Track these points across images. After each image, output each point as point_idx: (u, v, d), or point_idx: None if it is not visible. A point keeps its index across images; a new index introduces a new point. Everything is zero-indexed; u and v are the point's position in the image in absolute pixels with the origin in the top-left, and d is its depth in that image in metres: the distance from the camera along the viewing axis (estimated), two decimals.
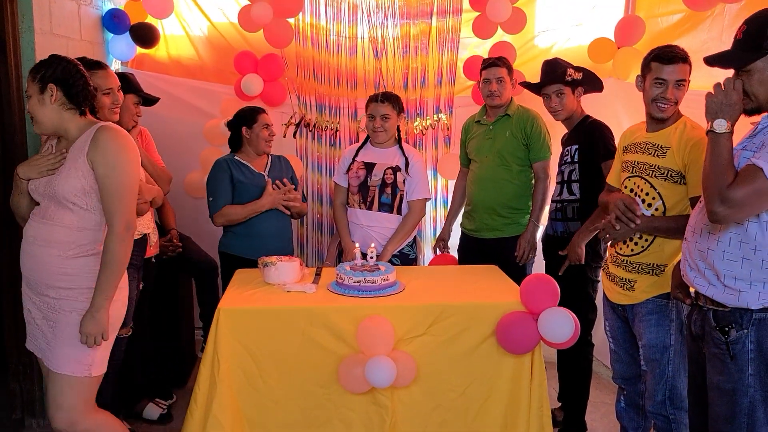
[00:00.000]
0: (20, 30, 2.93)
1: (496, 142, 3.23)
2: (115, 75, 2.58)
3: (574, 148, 2.90)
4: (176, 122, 4.01)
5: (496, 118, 3.25)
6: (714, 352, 1.92)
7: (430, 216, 4.12)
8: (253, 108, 3.22)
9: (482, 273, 2.94)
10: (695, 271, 1.96)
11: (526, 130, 3.19)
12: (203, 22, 4.06)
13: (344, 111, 4.04)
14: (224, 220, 3.09)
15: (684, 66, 2.26)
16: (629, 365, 2.54)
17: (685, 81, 2.28)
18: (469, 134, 3.43)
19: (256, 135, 3.15)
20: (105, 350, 2.18)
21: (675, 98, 2.27)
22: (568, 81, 2.92)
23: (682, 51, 2.28)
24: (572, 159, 2.90)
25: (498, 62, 3.20)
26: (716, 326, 1.90)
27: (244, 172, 3.13)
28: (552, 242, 3.02)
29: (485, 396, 2.48)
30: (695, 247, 1.96)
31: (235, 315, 2.40)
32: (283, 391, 2.43)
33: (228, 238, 3.17)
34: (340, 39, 3.96)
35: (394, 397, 2.43)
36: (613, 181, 2.57)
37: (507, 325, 2.38)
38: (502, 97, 3.20)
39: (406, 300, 2.50)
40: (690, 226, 2.03)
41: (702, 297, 1.96)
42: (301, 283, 2.66)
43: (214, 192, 3.09)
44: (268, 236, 3.11)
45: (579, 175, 2.88)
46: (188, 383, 3.63)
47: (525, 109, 3.27)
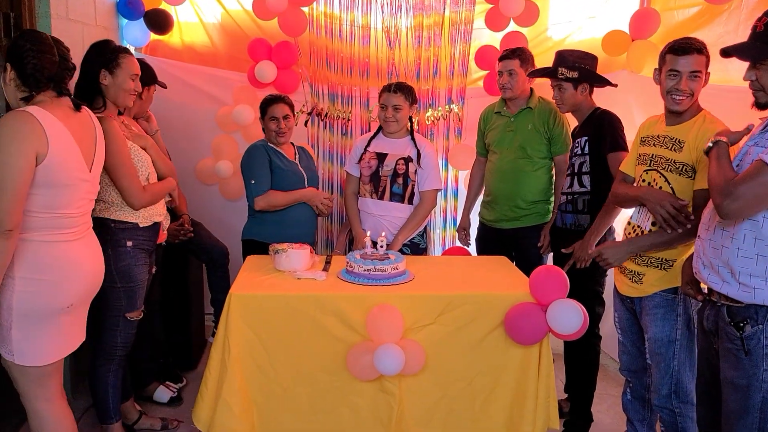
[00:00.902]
0: (37, 15, 2.96)
1: (517, 135, 3.24)
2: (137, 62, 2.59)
3: (584, 139, 2.89)
4: (188, 109, 4.03)
5: (518, 111, 3.25)
6: (728, 348, 1.91)
7: (441, 206, 4.13)
8: (268, 98, 3.22)
9: (492, 264, 2.96)
10: (709, 268, 1.95)
11: (548, 123, 3.19)
12: (217, 9, 4.07)
13: (356, 100, 4.04)
14: (266, 205, 3.08)
15: (699, 57, 2.23)
16: (636, 357, 2.55)
17: (701, 72, 2.24)
18: (488, 124, 3.42)
19: (266, 127, 3.17)
20: (27, 341, 2.05)
21: (690, 90, 2.24)
22: (560, 78, 2.89)
23: (698, 42, 2.25)
24: (582, 151, 2.89)
25: (510, 54, 3.19)
26: (730, 322, 1.89)
27: (281, 159, 3.16)
28: (561, 234, 3.01)
29: (492, 386, 2.50)
30: (709, 244, 1.96)
31: (246, 301, 2.42)
32: (291, 377, 2.45)
33: (257, 225, 3.17)
34: (354, 28, 3.96)
35: (402, 385, 2.45)
36: (627, 169, 2.55)
37: (516, 316, 2.39)
38: (514, 89, 3.20)
39: (415, 289, 2.52)
40: (703, 223, 2.02)
41: (715, 293, 1.95)
42: (311, 270, 2.67)
43: (256, 175, 3.09)
44: (299, 223, 3.15)
45: (590, 167, 2.87)
46: (198, 367, 3.67)
47: (547, 102, 3.26)
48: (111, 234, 2.50)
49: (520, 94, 3.24)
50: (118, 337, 2.60)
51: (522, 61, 3.18)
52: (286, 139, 3.20)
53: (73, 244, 2.14)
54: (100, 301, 2.56)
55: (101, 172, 2.41)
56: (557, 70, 2.89)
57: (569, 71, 2.87)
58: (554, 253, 3.16)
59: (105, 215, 2.50)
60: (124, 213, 2.52)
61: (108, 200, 2.50)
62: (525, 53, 3.22)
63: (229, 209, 4.10)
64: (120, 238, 2.52)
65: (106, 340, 2.60)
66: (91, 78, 2.45)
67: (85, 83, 2.46)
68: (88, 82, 2.45)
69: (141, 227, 2.57)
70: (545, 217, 3.31)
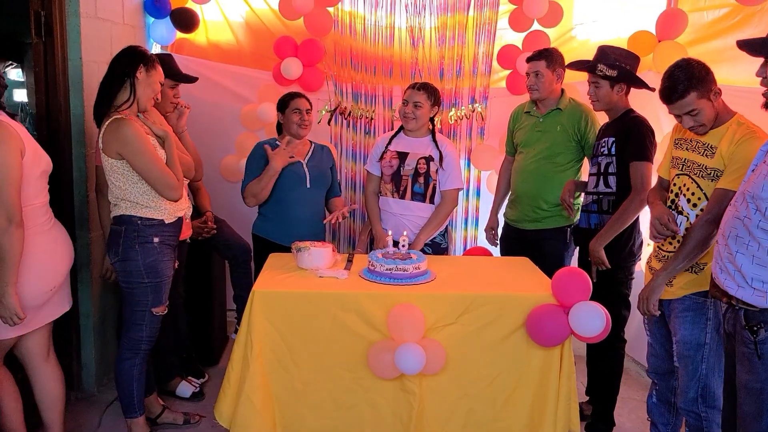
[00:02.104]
0: (67, 14, 3.01)
1: (545, 135, 3.20)
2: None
3: (611, 140, 2.85)
4: (213, 106, 4.07)
5: (547, 111, 3.22)
6: (743, 351, 1.91)
7: (462, 206, 4.12)
8: (289, 93, 3.25)
9: (514, 264, 2.94)
10: (726, 273, 1.95)
11: (579, 126, 3.15)
12: (242, 7, 4.10)
13: (379, 99, 4.05)
14: (252, 199, 3.10)
15: (683, 100, 2.18)
16: (663, 360, 2.53)
17: (695, 110, 2.19)
18: (517, 123, 3.40)
19: (288, 119, 3.18)
20: None
21: (697, 123, 2.22)
22: (598, 74, 2.83)
23: (680, 83, 2.17)
24: (609, 152, 2.84)
25: (537, 56, 3.14)
26: (746, 325, 1.90)
27: None
28: (586, 235, 2.98)
29: (513, 387, 2.49)
30: (725, 249, 1.95)
31: (268, 297, 2.44)
32: (312, 374, 2.47)
33: (261, 221, 3.21)
34: (378, 28, 3.97)
35: (423, 385, 2.45)
36: (662, 172, 2.53)
37: (538, 317, 2.38)
38: (541, 90, 3.15)
39: (437, 289, 2.52)
40: (720, 229, 2.02)
41: (733, 297, 1.95)
42: (333, 268, 2.69)
43: (246, 173, 3.13)
44: (299, 222, 3.12)
45: (616, 168, 2.83)
46: (220, 363, 3.71)
47: (577, 104, 3.22)
48: (138, 231, 2.55)
49: (548, 96, 3.19)
50: (143, 332, 2.64)
51: (549, 63, 3.12)
52: (306, 132, 3.20)
53: (50, 232, 2.41)
54: (127, 296, 2.62)
55: (125, 173, 2.46)
56: (596, 66, 2.83)
57: (608, 69, 2.81)
58: (580, 254, 3.13)
59: (131, 213, 2.55)
60: (151, 210, 2.56)
61: (133, 199, 2.54)
62: (552, 54, 3.15)
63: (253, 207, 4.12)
64: (147, 235, 2.56)
65: (132, 335, 2.65)
66: (127, 70, 2.52)
67: (118, 74, 2.53)
68: (121, 74, 2.52)
69: (167, 223, 2.61)
70: (569, 220, 3.27)
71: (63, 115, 3.05)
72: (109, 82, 2.54)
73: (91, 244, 3.18)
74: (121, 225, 2.56)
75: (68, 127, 3.08)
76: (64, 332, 3.18)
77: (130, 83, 2.52)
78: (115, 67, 2.54)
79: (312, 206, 3.18)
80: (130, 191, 2.53)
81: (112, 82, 2.53)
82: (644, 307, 2.40)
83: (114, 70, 2.54)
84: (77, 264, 3.17)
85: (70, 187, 3.12)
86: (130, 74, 2.52)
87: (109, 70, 2.56)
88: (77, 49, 3.06)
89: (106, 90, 2.54)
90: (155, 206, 2.57)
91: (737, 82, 3.01)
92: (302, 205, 3.14)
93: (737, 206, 1.93)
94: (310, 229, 3.14)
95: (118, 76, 2.53)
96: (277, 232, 3.11)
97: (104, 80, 2.56)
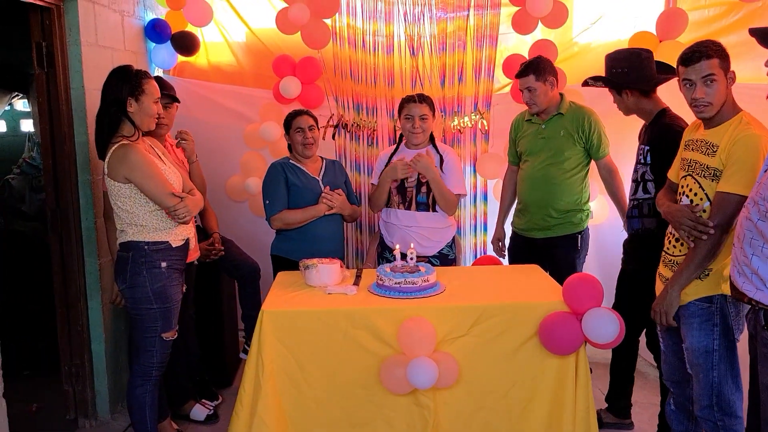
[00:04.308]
0: (68, 43, 3.04)
1: (549, 142, 3.19)
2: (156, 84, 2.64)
3: (646, 149, 2.76)
4: (217, 127, 4.08)
5: (549, 117, 3.20)
6: (764, 353, 1.88)
7: (470, 213, 4.09)
8: (292, 112, 3.24)
9: (524, 273, 2.91)
10: (744, 276, 1.92)
11: (582, 128, 3.13)
12: (241, 28, 4.12)
13: (382, 110, 4.04)
14: (282, 224, 3.11)
15: (709, 61, 2.13)
16: (677, 368, 2.47)
17: (715, 75, 2.14)
18: (519, 132, 3.38)
19: (293, 140, 3.18)
20: None
21: (708, 96, 2.16)
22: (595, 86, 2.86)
23: (706, 47, 2.15)
24: (645, 160, 2.76)
25: (524, 72, 3.12)
26: (765, 326, 1.86)
27: (299, 176, 3.15)
28: (629, 240, 2.93)
29: (529, 397, 2.45)
30: (741, 253, 1.92)
31: (278, 317, 2.43)
32: (325, 392, 2.45)
33: (281, 242, 3.20)
34: (377, 38, 3.96)
35: (437, 398, 2.43)
36: (672, 176, 2.48)
37: (550, 325, 2.35)
38: (538, 104, 3.15)
39: (446, 301, 2.49)
40: (735, 232, 1.98)
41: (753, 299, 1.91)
42: (341, 285, 2.67)
43: (271, 195, 3.11)
44: (321, 239, 3.13)
45: (652, 175, 2.74)
46: (234, 384, 3.69)
47: (578, 107, 3.21)
48: (145, 257, 2.55)
49: (547, 106, 3.17)
50: (154, 357, 2.63)
51: (537, 75, 3.09)
52: (312, 150, 3.18)
53: None
54: (136, 322, 2.62)
55: (132, 195, 2.47)
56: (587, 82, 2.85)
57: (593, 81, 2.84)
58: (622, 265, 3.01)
59: (138, 238, 2.55)
60: (158, 234, 2.57)
61: (140, 222, 2.54)
62: (539, 65, 3.10)
63: (259, 225, 4.10)
64: (155, 260, 2.56)
65: (143, 361, 2.64)
66: (119, 106, 2.50)
67: (114, 111, 2.50)
68: (117, 111, 2.50)
69: (174, 247, 2.62)
70: (579, 227, 3.24)
71: (68, 143, 3.07)
72: (105, 119, 2.51)
73: (101, 270, 3.19)
74: (129, 251, 2.56)
75: (73, 155, 3.10)
76: (77, 359, 3.19)
77: (127, 118, 2.52)
78: (108, 104, 2.51)
79: (331, 223, 3.19)
80: (138, 214, 2.53)
81: (110, 120, 2.51)
82: (662, 319, 2.34)
83: (108, 107, 2.51)
84: (87, 291, 3.18)
85: (77, 214, 3.13)
86: (123, 110, 2.50)
87: (103, 105, 2.53)
88: (79, 78, 3.08)
89: (103, 124, 2.52)
90: (163, 227, 2.57)
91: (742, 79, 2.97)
92: (322, 222, 3.14)
93: (749, 209, 1.89)
94: (331, 245, 3.16)
95: (113, 114, 2.50)
96: (299, 251, 3.06)
97: (100, 114, 2.54)
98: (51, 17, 2.97)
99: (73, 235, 3.11)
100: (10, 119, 6.29)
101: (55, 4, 2.95)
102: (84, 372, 3.21)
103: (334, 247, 3.17)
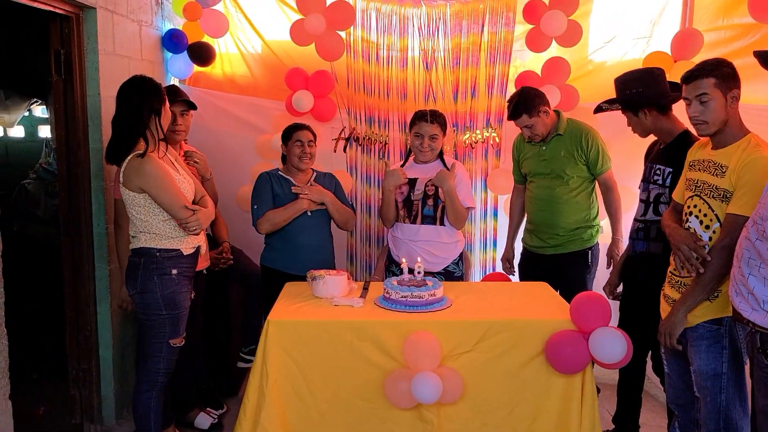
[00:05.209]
0: (86, 51, 3.08)
1: (551, 163, 3.21)
2: None
3: (668, 171, 2.70)
4: (229, 137, 4.12)
5: (549, 139, 3.22)
6: (759, 376, 1.87)
7: (480, 228, 4.08)
8: (292, 125, 3.27)
9: (531, 289, 2.90)
10: (741, 296, 1.91)
11: (581, 146, 3.15)
12: (256, 40, 4.16)
13: (394, 124, 4.06)
14: (268, 225, 3.12)
15: (703, 81, 2.14)
16: (682, 391, 2.43)
17: (708, 95, 2.13)
18: (521, 153, 3.40)
19: (290, 151, 3.21)
20: None
21: (702, 115, 2.16)
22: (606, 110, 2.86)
23: (704, 66, 2.16)
24: (663, 182, 2.71)
25: (513, 113, 3.14)
26: (760, 348, 1.85)
27: (284, 186, 3.18)
28: (630, 262, 2.91)
29: (534, 416, 2.43)
30: (738, 272, 1.92)
31: (283, 327, 2.43)
32: (329, 404, 2.44)
33: (268, 252, 3.23)
34: (391, 52, 3.99)
35: (441, 414, 2.41)
36: (677, 197, 2.45)
37: (557, 343, 2.34)
38: (540, 134, 3.18)
39: (453, 316, 2.49)
40: (735, 252, 1.97)
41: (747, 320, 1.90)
42: (348, 297, 2.68)
43: (258, 200, 3.16)
44: (307, 249, 3.15)
45: (668, 198, 2.67)
46: (239, 393, 3.69)
47: (576, 123, 3.23)
48: (157, 263, 2.57)
49: (548, 131, 3.20)
50: (161, 363, 2.65)
51: (530, 112, 3.11)
52: (307, 164, 3.23)
53: None
54: (145, 328, 2.63)
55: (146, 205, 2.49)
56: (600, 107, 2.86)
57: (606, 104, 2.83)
58: (624, 283, 3.01)
59: (150, 245, 2.57)
60: (170, 241, 2.59)
61: (153, 230, 2.57)
62: (527, 102, 3.11)
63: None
64: (166, 267, 2.58)
65: (149, 366, 2.65)
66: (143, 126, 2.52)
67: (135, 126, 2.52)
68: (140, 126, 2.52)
69: (185, 255, 2.64)
70: (589, 242, 3.24)
71: (82, 150, 3.11)
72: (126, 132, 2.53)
73: (110, 275, 3.21)
74: (140, 257, 2.59)
75: (87, 161, 3.13)
76: (84, 364, 3.20)
77: (150, 134, 2.55)
78: (128, 119, 2.53)
79: (316, 233, 3.20)
80: (151, 222, 2.56)
81: (131, 134, 2.53)
82: (667, 341, 2.31)
83: (127, 121, 2.53)
84: (96, 296, 3.20)
85: (89, 219, 3.16)
86: (147, 127, 2.53)
87: (123, 118, 2.54)
88: (96, 86, 3.12)
89: (124, 136, 2.54)
90: (175, 236, 2.60)
91: (756, 101, 2.96)
92: (305, 232, 3.16)
93: (749, 228, 1.89)
94: (317, 256, 3.17)
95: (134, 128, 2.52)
96: (285, 260, 3.14)
97: (120, 125, 2.55)
98: (70, 25, 3.01)
99: (84, 240, 3.13)
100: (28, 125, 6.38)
101: (74, 13, 3.00)
102: (91, 377, 3.22)
103: (321, 258, 3.17)
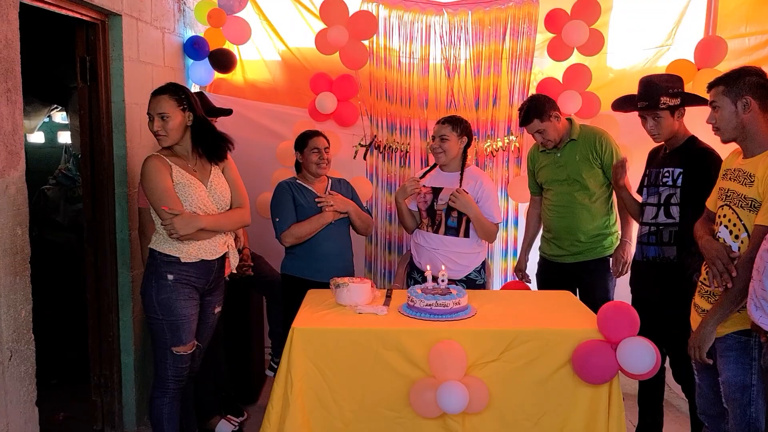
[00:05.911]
0: (111, 58, 3.10)
1: (567, 169, 3.19)
2: None
3: (678, 171, 2.71)
4: (250, 144, 4.12)
5: (563, 145, 3.22)
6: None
7: (501, 237, 4.06)
8: (307, 132, 3.27)
9: (556, 299, 2.87)
10: (760, 310, 1.89)
11: (595, 150, 3.15)
12: (278, 46, 4.18)
13: (414, 131, 4.06)
14: (293, 239, 3.12)
15: (713, 89, 2.24)
16: (712, 402, 2.39)
17: (716, 102, 2.23)
18: (536, 163, 3.38)
19: (307, 158, 3.20)
20: None
21: (716, 122, 2.24)
22: (662, 107, 2.73)
23: (721, 76, 2.26)
24: (674, 183, 2.72)
25: (524, 120, 3.15)
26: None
27: (305, 195, 3.17)
28: (641, 269, 2.87)
29: (560, 426, 2.40)
30: (759, 285, 1.89)
31: (308, 335, 2.42)
32: (353, 413, 2.43)
33: (289, 260, 3.22)
34: (413, 60, 4.00)
35: (466, 424, 2.39)
36: (710, 205, 2.42)
37: (584, 353, 2.31)
38: (552, 140, 3.18)
39: (478, 324, 2.47)
40: (755, 264, 1.94)
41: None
42: (372, 304, 2.66)
43: (280, 213, 3.14)
44: (328, 257, 3.14)
45: (680, 199, 2.69)
46: (259, 400, 3.69)
47: (589, 128, 3.23)
48: (156, 266, 2.56)
49: (561, 139, 3.20)
50: (168, 370, 2.60)
51: (541, 117, 3.11)
52: (325, 170, 3.22)
53: None
54: (149, 331, 2.64)
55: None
56: (659, 100, 2.73)
57: (671, 99, 2.72)
58: (633, 292, 2.99)
59: (155, 246, 2.57)
60: (168, 247, 2.54)
61: (160, 232, 2.57)
62: (538, 108, 3.12)
63: None
64: (162, 271, 2.54)
65: (158, 373, 2.62)
66: None
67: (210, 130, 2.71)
68: None
69: (183, 262, 2.55)
70: (609, 250, 3.22)
71: (106, 157, 3.13)
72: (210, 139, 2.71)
73: (133, 282, 3.22)
74: (149, 258, 2.60)
75: (111, 168, 3.15)
76: (107, 370, 3.21)
77: None
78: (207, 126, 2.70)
79: (338, 240, 3.20)
80: (158, 221, 2.55)
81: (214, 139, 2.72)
82: (697, 355, 2.27)
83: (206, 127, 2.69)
84: (120, 302, 3.21)
85: (113, 226, 3.17)
86: None
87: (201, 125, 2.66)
88: (120, 92, 3.14)
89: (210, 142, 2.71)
90: (173, 243, 2.54)
91: None
92: (328, 240, 3.15)
93: None
94: (339, 263, 3.17)
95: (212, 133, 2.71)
96: (308, 269, 3.12)
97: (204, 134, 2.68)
98: (96, 32, 3.03)
99: (107, 247, 3.15)
100: (48, 131, 6.44)
101: (100, 20, 3.03)
102: (112, 383, 3.23)
103: (342, 265, 3.18)
